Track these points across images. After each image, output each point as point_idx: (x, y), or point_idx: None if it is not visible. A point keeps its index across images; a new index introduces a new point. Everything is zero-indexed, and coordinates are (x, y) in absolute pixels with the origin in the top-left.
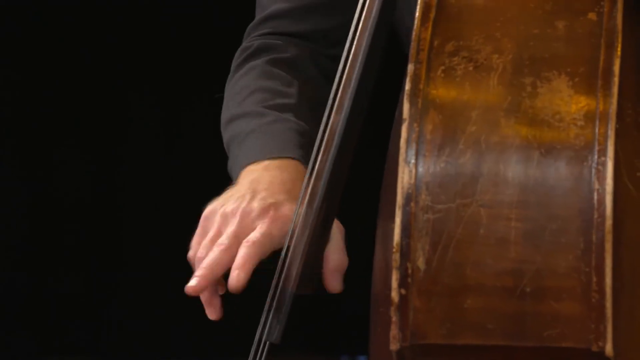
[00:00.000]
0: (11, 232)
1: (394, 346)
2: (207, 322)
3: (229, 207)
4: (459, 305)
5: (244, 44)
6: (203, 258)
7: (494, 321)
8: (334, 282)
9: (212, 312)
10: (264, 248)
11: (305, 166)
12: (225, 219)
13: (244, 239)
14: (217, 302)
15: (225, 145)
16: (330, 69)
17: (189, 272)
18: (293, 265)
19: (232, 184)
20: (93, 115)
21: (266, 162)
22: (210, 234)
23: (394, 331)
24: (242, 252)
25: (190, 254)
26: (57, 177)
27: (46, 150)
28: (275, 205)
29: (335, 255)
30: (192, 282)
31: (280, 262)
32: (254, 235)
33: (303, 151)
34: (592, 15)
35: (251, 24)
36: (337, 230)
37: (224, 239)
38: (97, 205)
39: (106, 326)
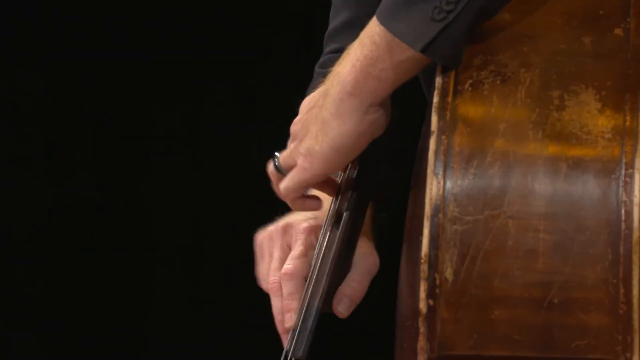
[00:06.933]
0: (34, 241)
1: (421, 357)
2: (232, 338)
3: (270, 226)
4: (487, 316)
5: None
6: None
7: (522, 333)
8: (342, 307)
9: None
10: (303, 272)
11: None
12: (271, 239)
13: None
14: None
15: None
16: None
17: (207, 283)
18: (320, 283)
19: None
20: (118, 127)
21: None
22: (266, 260)
23: (421, 342)
24: (285, 290)
25: (262, 285)
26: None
27: (68, 162)
28: (314, 219)
29: (354, 283)
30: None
31: (307, 281)
32: (290, 264)
33: None
34: (618, 31)
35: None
36: (364, 261)
37: (273, 274)
38: (124, 214)
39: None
